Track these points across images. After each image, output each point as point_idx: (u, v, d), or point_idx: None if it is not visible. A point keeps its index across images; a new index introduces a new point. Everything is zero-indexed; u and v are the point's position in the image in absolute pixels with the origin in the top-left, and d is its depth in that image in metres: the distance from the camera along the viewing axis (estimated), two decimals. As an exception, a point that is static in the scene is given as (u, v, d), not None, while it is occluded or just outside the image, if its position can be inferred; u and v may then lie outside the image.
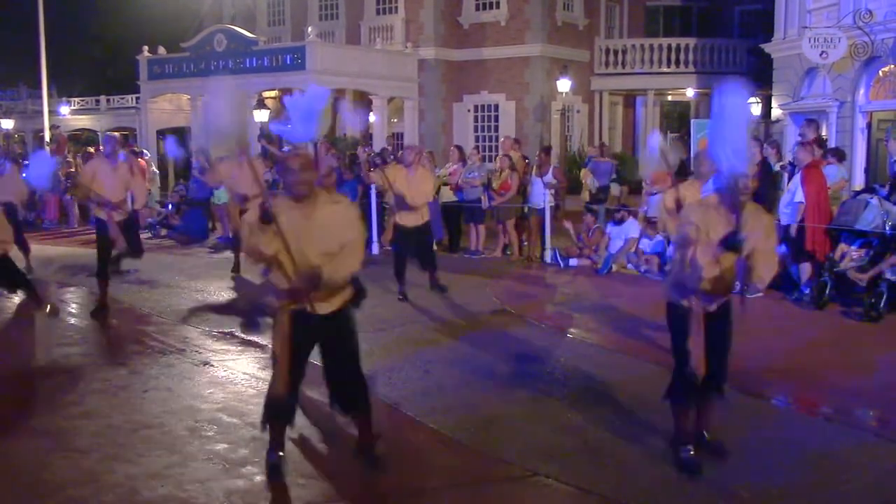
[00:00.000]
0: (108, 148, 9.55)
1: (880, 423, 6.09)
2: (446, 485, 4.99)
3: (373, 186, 14.19)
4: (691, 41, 25.01)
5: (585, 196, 14.76)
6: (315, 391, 6.57)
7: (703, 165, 6.66)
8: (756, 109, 21.48)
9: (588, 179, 14.63)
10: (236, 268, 11.63)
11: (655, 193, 13.33)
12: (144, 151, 21.16)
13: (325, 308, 4.80)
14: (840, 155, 10.93)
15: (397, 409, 6.15)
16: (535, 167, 13.73)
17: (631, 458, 5.27)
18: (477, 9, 24.49)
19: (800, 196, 9.65)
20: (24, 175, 13.02)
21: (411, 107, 24.57)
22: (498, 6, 24.12)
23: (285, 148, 18.06)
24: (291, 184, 4.71)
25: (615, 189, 15.50)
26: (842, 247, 9.63)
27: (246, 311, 8.58)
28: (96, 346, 8.32)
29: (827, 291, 9.48)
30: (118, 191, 9.14)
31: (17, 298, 10.55)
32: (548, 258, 12.85)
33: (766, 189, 11.53)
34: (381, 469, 5.02)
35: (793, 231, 9.80)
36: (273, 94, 25.56)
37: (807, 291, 9.81)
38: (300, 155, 4.89)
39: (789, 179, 11.00)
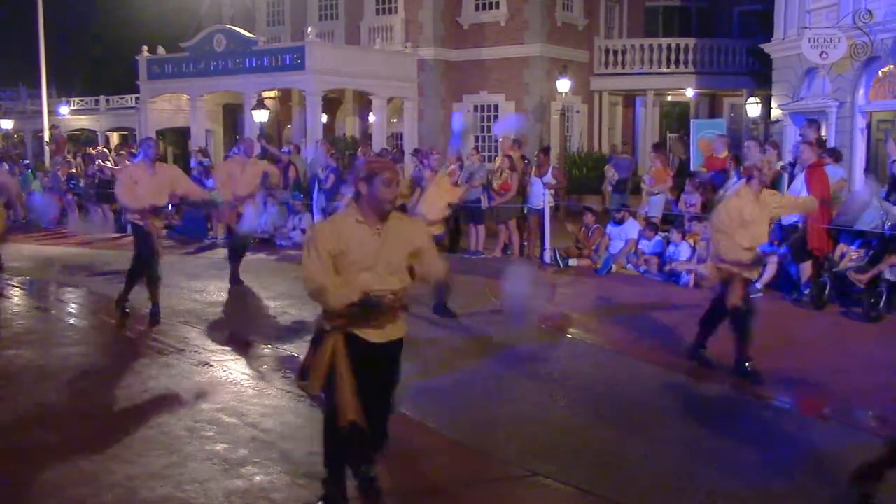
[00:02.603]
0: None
1: (880, 423, 6.09)
2: (446, 485, 4.99)
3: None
4: (691, 41, 25.00)
5: (607, 187, 16.24)
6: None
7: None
8: (755, 109, 21.50)
9: (610, 173, 15.43)
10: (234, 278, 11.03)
11: (657, 194, 13.40)
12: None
13: (377, 337, 4.37)
14: (837, 155, 10.93)
15: (397, 409, 6.14)
16: (534, 167, 13.74)
17: (631, 458, 5.27)
18: (476, 9, 24.48)
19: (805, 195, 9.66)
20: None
21: (411, 107, 24.56)
22: (497, 6, 24.11)
23: (285, 148, 18.10)
24: (383, 199, 4.20)
25: (612, 197, 15.99)
26: (841, 247, 9.64)
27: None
28: (96, 346, 8.31)
29: (826, 291, 9.49)
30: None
31: (15, 298, 10.57)
32: (547, 258, 12.86)
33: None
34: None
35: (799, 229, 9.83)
36: (273, 94, 25.57)
37: (806, 291, 9.82)
38: (392, 166, 4.34)
39: (789, 180, 11.01)
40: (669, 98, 26.96)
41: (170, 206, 18.18)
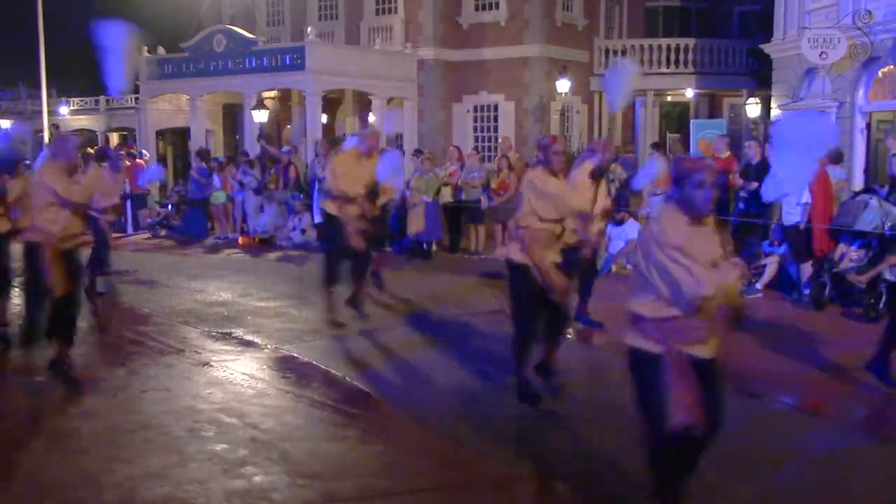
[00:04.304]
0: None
1: (880, 424, 6.09)
2: (445, 485, 4.99)
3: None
4: (690, 42, 25.00)
5: (614, 186, 16.65)
6: (313, 391, 6.58)
7: None
8: (755, 110, 21.50)
9: (617, 171, 16.05)
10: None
11: (658, 195, 13.38)
12: (143, 152, 21.15)
13: (707, 352, 3.97)
14: (836, 156, 10.93)
15: (397, 409, 6.14)
16: (534, 167, 13.74)
17: (631, 458, 5.27)
18: (476, 9, 24.47)
19: (807, 196, 9.67)
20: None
21: (411, 107, 24.55)
22: (497, 6, 24.11)
23: (285, 149, 18.11)
24: (698, 204, 3.80)
25: (613, 189, 16.27)
26: (841, 247, 9.64)
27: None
28: (96, 346, 8.30)
29: (826, 292, 9.49)
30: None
31: (16, 298, 10.55)
32: (547, 258, 12.84)
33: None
34: None
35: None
36: (273, 94, 25.55)
37: (806, 292, 9.82)
38: (707, 165, 3.92)
39: (790, 180, 10.99)
40: (669, 98, 26.96)
41: (169, 206, 18.28)
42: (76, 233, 6.74)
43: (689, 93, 25.48)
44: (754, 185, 11.33)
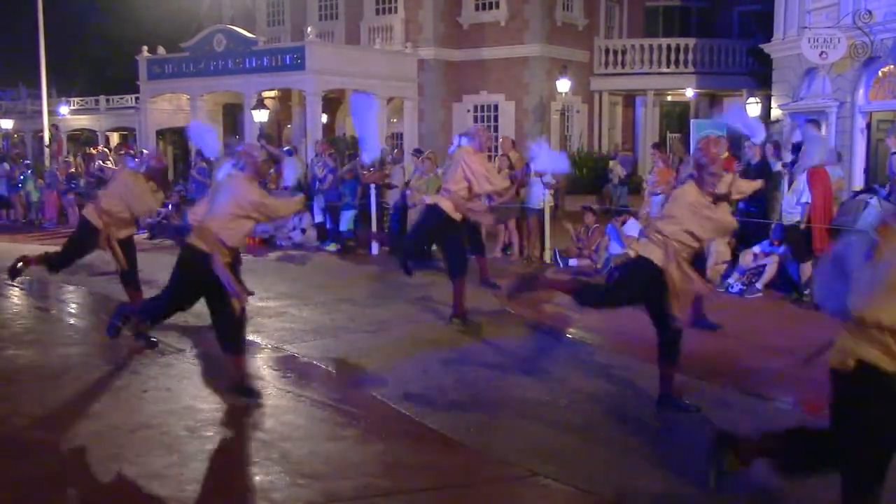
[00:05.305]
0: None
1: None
2: (445, 485, 4.98)
3: (372, 186, 14.17)
4: (690, 41, 25.02)
5: (612, 183, 17.46)
6: (313, 391, 6.58)
7: None
8: (755, 109, 21.51)
9: (617, 168, 16.30)
10: None
11: (658, 194, 13.38)
12: (144, 151, 21.14)
13: None
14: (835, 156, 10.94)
15: (397, 409, 6.14)
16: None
17: (631, 458, 5.27)
18: (476, 9, 24.50)
19: (807, 196, 9.67)
20: None
21: (411, 107, 24.57)
22: (497, 6, 24.13)
23: (285, 148, 18.10)
24: None
25: (614, 190, 16.33)
26: (841, 247, 9.63)
27: None
28: (96, 346, 8.30)
29: (826, 292, 9.48)
30: None
31: (15, 298, 10.56)
32: (547, 258, 12.86)
33: (767, 189, 11.55)
34: None
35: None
36: (273, 93, 25.57)
37: (807, 292, 9.81)
38: None
39: (790, 180, 11.02)
40: (669, 98, 26.98)
41: (169, 206, 18.25)
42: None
43: (689, 93, 25.50)
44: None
